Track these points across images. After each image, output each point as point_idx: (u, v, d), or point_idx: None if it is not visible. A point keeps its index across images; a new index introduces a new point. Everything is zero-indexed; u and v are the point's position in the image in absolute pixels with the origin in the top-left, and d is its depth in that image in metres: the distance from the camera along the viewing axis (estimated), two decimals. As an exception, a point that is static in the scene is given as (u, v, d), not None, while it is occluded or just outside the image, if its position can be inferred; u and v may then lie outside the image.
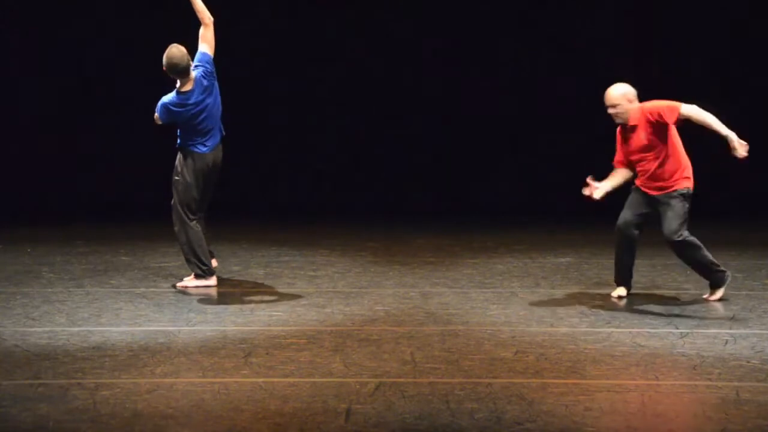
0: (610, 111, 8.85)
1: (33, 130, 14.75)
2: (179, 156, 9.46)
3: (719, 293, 9.01)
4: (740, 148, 8.59)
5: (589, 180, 8.89)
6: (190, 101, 9.28)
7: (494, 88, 14.96)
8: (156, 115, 9.35)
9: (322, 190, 15.01)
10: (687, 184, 8.87)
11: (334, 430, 5.82)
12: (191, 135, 9.36)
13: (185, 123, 9.33)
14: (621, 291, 9.20)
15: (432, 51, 15.00)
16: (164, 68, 9.23)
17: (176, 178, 9.44)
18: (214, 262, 9.67)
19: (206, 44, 9.40)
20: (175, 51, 9.21)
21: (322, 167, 15.06)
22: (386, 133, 15.04)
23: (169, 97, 9.31)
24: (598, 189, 8.87)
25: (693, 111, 8.68)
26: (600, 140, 13.93)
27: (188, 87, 9.28)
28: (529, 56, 15.00)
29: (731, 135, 8.60)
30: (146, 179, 13.91)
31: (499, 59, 15.01)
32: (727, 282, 9.03)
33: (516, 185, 14.88)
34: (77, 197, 14.58)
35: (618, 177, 8.99)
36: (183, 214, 9.39)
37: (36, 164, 14.67)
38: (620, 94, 8.83)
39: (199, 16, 9.41)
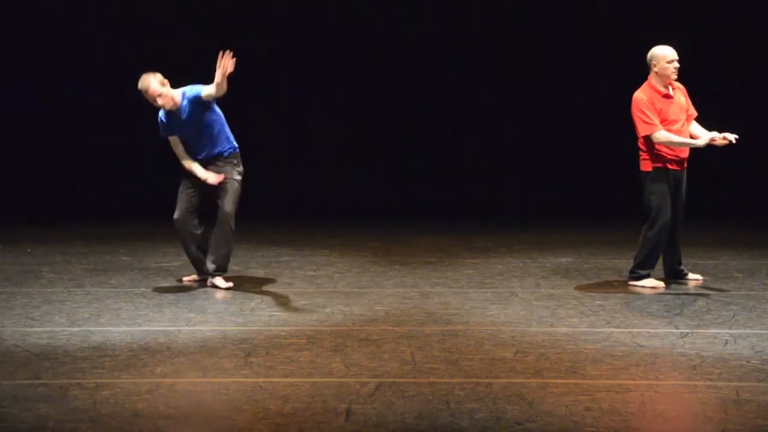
0: (676, 65, 9.22)
1: (33, 130, 14.76)
2: (238, 158, 9.55)
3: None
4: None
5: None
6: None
7: (497, 88, 14.99)
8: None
9: (322, 189, 15.00)
10: None
11: (334, 430, 5.82)
12: None
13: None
14: (655, 282, 9.52)
15: (437, 50, 15.02)
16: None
17: (237, 178, 9.46)
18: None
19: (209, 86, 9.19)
20: None
21: (323, 167, 15.06)
22: (387, 133, 15.05)
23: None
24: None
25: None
26: (599, 141, 14.00)
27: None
28: (527, 57, 15.03)
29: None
30: (146, 179, 13.92)
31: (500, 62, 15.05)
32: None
33: (516, 185, 14.90)
34: (76, 198, 14.58)
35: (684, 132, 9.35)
36: (234, 219, 9.43)
37: (35, 164, 14.68)
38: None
39: (217, 85, 9.03)
